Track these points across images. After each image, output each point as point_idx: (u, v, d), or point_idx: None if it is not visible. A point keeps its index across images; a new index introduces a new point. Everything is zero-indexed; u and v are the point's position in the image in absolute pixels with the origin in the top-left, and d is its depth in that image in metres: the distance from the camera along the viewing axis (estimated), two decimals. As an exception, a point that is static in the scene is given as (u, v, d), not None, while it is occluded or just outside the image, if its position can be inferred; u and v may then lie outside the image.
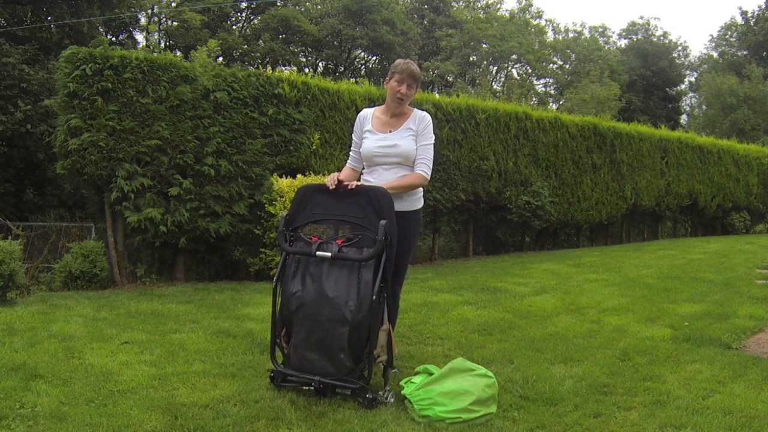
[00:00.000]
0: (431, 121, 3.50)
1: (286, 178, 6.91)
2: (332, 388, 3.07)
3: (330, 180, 3.24)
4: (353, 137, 3.61)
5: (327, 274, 3.07)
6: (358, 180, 3.48)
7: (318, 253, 3.09)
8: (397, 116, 3.47)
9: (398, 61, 3.46)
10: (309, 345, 3.06)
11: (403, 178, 3.37)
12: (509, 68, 32.95)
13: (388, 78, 3.45)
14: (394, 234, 3.10)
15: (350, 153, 3.66)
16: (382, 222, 3.03)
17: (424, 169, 3.40)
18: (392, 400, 3.07)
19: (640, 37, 37.14)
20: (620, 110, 25.98)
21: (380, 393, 3.09)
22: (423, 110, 3.56)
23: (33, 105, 11.75)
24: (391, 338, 3.25)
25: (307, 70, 22.92)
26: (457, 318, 4.97)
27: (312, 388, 3.08)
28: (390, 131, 3.44)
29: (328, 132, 7.65)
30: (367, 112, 3.57)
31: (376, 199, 3.12)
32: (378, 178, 3.41)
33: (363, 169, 3.59)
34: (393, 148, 3.38)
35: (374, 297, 2.97)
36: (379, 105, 3.61)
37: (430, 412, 2.85)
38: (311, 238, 3.18)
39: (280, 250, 3.32)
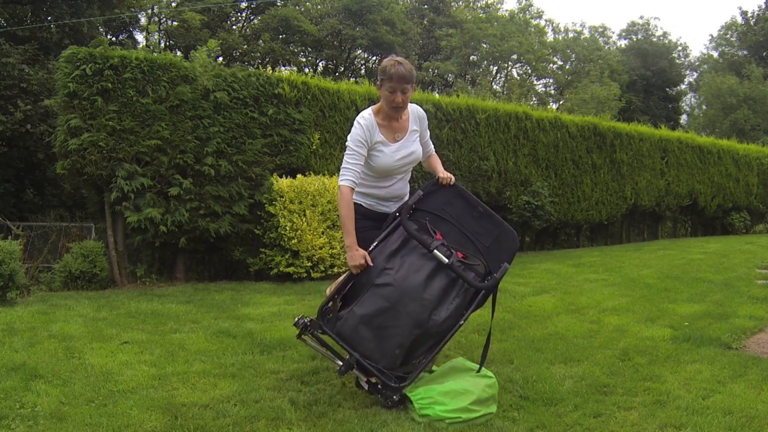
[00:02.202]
0: (425, 113, 3.41)
1: (286, 178, 6.92)
2: (357, 369, 2.97)
3: (364, 262, 2.99)
4: (357, 149, 3.08)
5: (430, 274, 2.96)
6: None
7: (435, 252, 2.97)
8: (397, 120, 3.26)
9: (384, 63, 3.08)
10: (370, 323, 2.91)
11: (439, 162, 3.43)
12: (509, 68, 32.97)
13: (378, 84, 3.11)
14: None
15: (352, 169, 3.07)
16: (506, 265, 3.04)
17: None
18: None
19: (640, 37, 37.14)
20: (620, 110, 25.99)
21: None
22: (417, 105, 3.40)
23: (33, 105, 11.75)
24: None
25: (307, 70, 22.94)
26: (457, 318, 4.96)
27: (337, 361, 2.98)
28: (397, 138, 3.23)
29: (328, 132, 7.65)
30: (370, 121, 3.13)
31: (506, 239, 3.11)
32: (393, 187, 3.29)
33: (371, 175, 3.24)
34: (411, 156, 3.25)
35: (461, 322, 2.98)
36: (373, 108, 3.22)
37: (430, 411, 2.85)
38: (437, 234, 3.07)
39: (395, 223, 3.10)
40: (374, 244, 3.05)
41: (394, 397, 2.94)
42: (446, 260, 2.96)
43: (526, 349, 4.05)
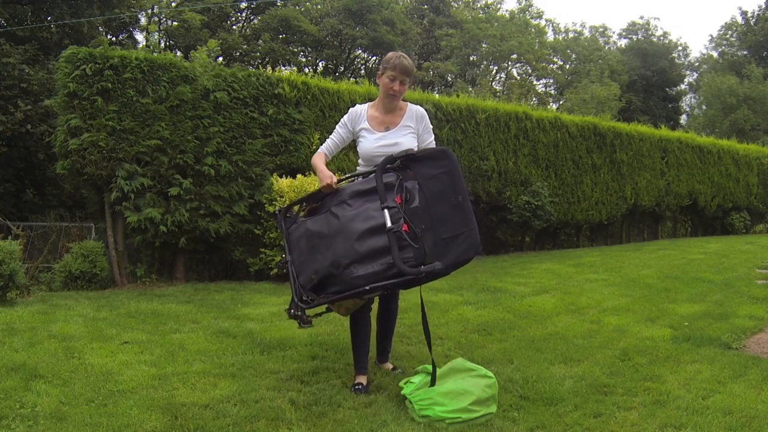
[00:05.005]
0: (426, 114, 3.46)
1: (286, 178, 6.91)
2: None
3: (331, 181, 3.19)
4: (338, 128, 3.50)
5: (373, 229, 2.94)
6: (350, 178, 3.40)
7: (384, 211, 2.93)
8: (391, 112, 3.40)
9: (390, 55, 3.36)
10: (309, 239, 3.14)
11: None
12: (509, 68, 32.97)
13: (380, 73, 3.36)
14: None
15: (327, 141, 3.53)
16: (438, 264, 2.81)
17: None
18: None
19: (640, 37, 37.12)
20: (620, 110, 25.99)
21: None
22: (417, 104, 3.51)
23: (33, 105, 11.75)
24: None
25: (307, 70, 22.90)
26: (457, 318, 4.97)
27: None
28: (387, 128, 3.38)
29: (328, 132, 7.59)
30: (360, 109, 3.46)
31: (464, 242, 2.87)
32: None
33: (361, 163, 3.49)
34: (394, 147, 3.30)
35: (366, 288, 2.90)
36: (369, 102, 3.53)
37: (430, 412, 2.85)
38: (397, 197, 2.98)
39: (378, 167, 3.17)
40: (354, 178, 3.23)
41: (299, 313, 3.05)
42: (389, 224, 2.87)
43: (526, 349, 4.05)
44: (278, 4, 26.35)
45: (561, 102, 29.13)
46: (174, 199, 6.57)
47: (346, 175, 3.33)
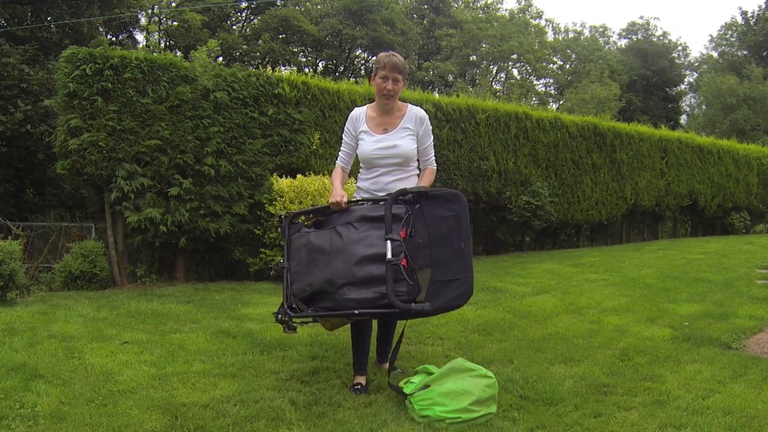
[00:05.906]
0: (427, 117, 3.45)
1: (286, 178, 6.91)
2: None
3: (341, 200, 3.19)
4: (344, 137, 3.50)
5: (373, 257, 2.98)
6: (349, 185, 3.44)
7: (387, 242, 2.95)
8: (390, 114, 3.38)
9: (380, 55, 3.34)
10: (309, 252, 3.16)
11: (425, 181, 3.40)
12: (509, 68, 32.98)
13: (373, 75, 3.34)
14: None
15: (340, 153, 3.54)
16: (427, 305, 2.88)
17: (434, 165, 3.49)
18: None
19: (640, 37, 37.16)
20: (620, 110, 26.00)
21: None
22: (417, 105, 3.51)
23: (33, 105, 11.74)
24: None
25: (307, 70, 22.90)
26: (457, 318, 4.96)
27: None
28: (386, 130, 3.37)
29: (328, 132, 7.65)
30: (359, 112, 3.45)
31: (457, 289, 2.90)
32: (377, 182, 3.37)
33: (361, 166, 3.52)
34: (393, 149, 3.32)
35: (355, 313, 2.98)
36: (369, 104, 3.52)
37: (430, 412, 2.85)
38: (402, 231, 3.03)
39: (390, 197, 3.18)
40: (364, 203, 3.22)
41: (286, 318, 3.10)
42: (389, 255, 2.91)
43: (526, 349, 4.04)
44: (278, 4, 26.37)
45: (561, 102, 29.14)
46: (174, 199, 6.57)
47: (357, 199, 3.33)
